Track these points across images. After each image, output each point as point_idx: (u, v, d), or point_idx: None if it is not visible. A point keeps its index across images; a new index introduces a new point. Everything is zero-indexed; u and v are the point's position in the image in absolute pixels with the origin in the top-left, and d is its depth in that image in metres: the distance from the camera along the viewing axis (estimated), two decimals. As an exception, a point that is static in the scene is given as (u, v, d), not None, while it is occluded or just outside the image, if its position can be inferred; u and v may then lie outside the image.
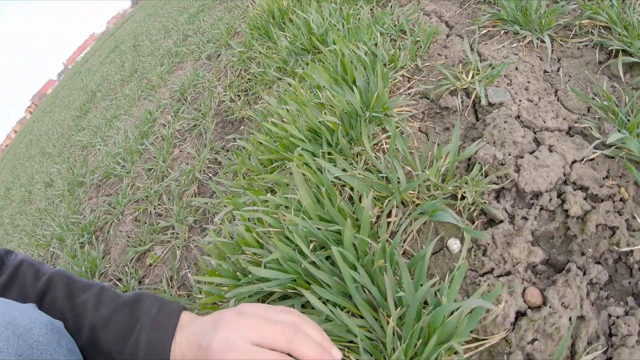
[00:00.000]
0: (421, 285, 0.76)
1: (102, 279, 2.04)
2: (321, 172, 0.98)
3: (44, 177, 5.06)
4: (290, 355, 0.65)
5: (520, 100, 1.22)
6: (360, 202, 0.87)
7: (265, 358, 0.63)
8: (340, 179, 0.99)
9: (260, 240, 0.93)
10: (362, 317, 0.83)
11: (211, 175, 1.72)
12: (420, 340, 0.71)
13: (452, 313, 0.75)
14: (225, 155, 1.70)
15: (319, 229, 0.86)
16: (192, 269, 1.45)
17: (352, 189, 1.06)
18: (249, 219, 1.00)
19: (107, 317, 0.76)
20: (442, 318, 0.70)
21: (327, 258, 0.88)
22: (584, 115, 1.17)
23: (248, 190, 1.12)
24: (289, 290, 0.88)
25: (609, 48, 1.28)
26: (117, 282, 1.89)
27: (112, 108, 4.65)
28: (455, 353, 0.76)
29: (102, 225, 2.42)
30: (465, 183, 0.97)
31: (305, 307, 0.91)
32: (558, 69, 1.33)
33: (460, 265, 0.79)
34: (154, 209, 1.95)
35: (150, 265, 1.82)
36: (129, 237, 2.05)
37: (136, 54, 6.66)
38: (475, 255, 0.91)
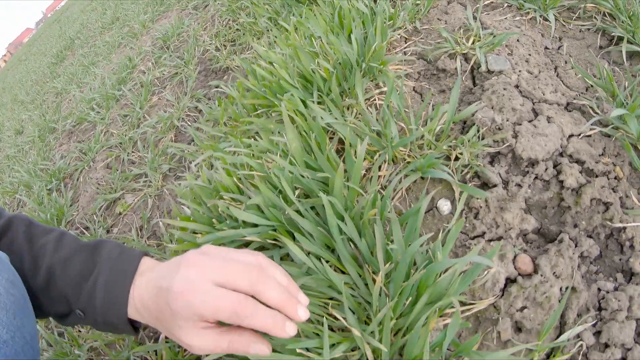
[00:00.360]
0: (412, 241, 0.71)
1: (68, 227, 1.94)
2: (312, 119, 0.90)
3: (14, 125, 4.82)
4: (255, 298, 0.59)
5: (520, 71, 1.17)
6: (351, 151, 0.80)
7: (228, 298, 0.57)
8: (330, 127, 0.92)
9: (241, 186, 0.86)
10: (344, 273, 0.77)
11: (190, 123, 1.62)
12: (410, 299, 0.65)
13: (440, 275, 0.70)
14: (207, 104, 1.61)
15: (305, 177, 0.79)
16: (164, 218, 1.37)
17: (341, 141, 0.99)
18: (230, 163, 0.92)
19: (66, 258, 0.70)
20: (435, 276, 0.65)
21: (312, 208, 0.81)
22: (582, 93, 1.13)
23: (230, 135, 1.04)
24: (268, 241, 0.82)
25: (612, 34, 1.26)
26: (84, 231, 1.80)
27: (91, 55, 4.43)
28: (441, 316, 0.71)
29: (71, 172, 2.30)
30: (462, 143, 0.91)
31: (284, 259, 0.84)
32: (559, 48, 1.29)
33: (455, 222, 0.73)
34: (128, 156, 1.84)
35: (120, 214, 1.73)
36: (99, 184, 1.94)
37: (119, 1, 6.36)
38: (466, 218, 0.86)
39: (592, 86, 1.15)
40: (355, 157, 0.80)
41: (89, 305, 0.66)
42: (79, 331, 1.31)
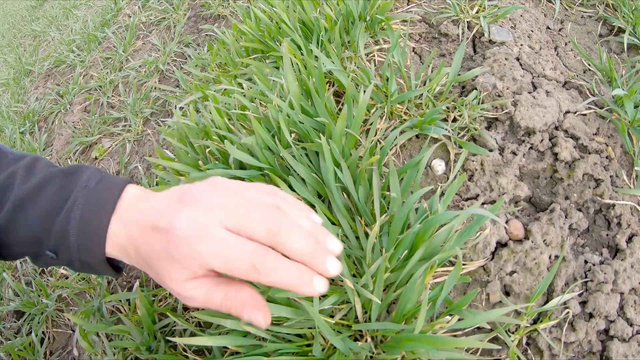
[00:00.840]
0: (409, 194, 0.67)
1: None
2: (312, 64, 0.84)
3: (-13, 69, 4.57)
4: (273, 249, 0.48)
5: (521, 45, 1.13)
6: (350, 100, 0.75)
7: (245, 250, 0.46)
8: (328, 76, 0.86)
9: (232, 127, 0.80)
10: (334, 224, 0.73)
11: (177, 68, 1.53)
12: (405, 252, 0.62)
13: (436, 230, 0.67)
14: (196, 50, 1.52)
15: (302, 122, 0.75)
16: (143, 163, 1.30)
17: (337, 93, 0.94)
18: (222, 102, 0.86)
19: (36, 187, 0.54)
20: (432, 230, 0.61)
21: (306, 155, 0.76)
22: (579, 75, 1.11)
23: (222, 77, 0.98)
24: (257, 185, 0.77)
25: (612, 24, 1.26)
26: (56, 174, 1.71)
27: (73, -2, 4.20)
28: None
29: (47, 115, 2.17)
30: (462, 104, 0.87)
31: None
32: (560, 30, 1.27)
33: (456, 177, 0.70)
34: (107, 99, 1.75)
35: (96, 158, 1.64)
36: (75, 128, 1.84)
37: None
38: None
39: (590, 70, 1.13)
40: (356, 105, 0.75)
41: (62, 244, 0.52)
42: (48, 279, 1.24)
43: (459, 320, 0.65)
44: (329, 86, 0.91)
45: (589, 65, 1.15)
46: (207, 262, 0.46)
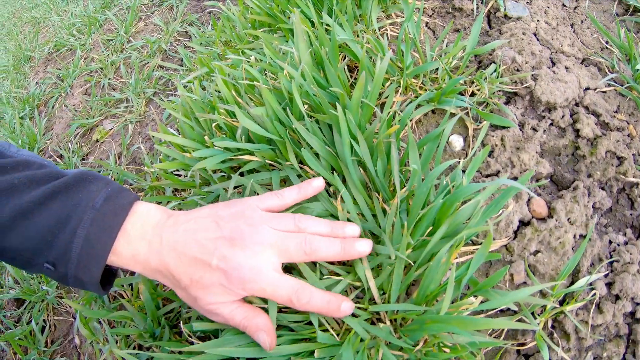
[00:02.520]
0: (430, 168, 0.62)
1: (41, 155, 1.78)
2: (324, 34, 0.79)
3: (-14, 58, 4.48)
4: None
5: (538, 20, 1.08)
6: (366, 68, 0.70)
7: (287, 286, 0.57)
8: (344, 46, 0.81)
9: (240, 101, 0.75)
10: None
11: (180, 47, 1.47)
12: (428, 229, 0.57)
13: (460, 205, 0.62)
14: (200, 28, 1.46)
15: (314, 95, 0.69)
16: (146, 144, 1.25)
17: (349, 68, 0.89)
18: (228, 74, 0.81)
19: (38, 201, 0.53)
20: (456, 205, 0.56)
21: (319, 129, 0.71)
22: (597, 52, 1.06)
23: (229, 51, 0.92)
24: (268, 161, 0.72)
25: (628, 4, 1.20)
26: (58, 159, 1.65)
27: (73, -16, 4.11)
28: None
29: (47, 100, 2.11)
30: (482, 77, 0.82)
31: (286, 182, 0.75)
32: (575, 7, 1.21)
33: (475, 152, 0.65)
34: (109, 81, 1.69)
35: (97, 141, 1.58)
36: (76, 111, 1.78)
37: None
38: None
39: (607, 47, 1.08)
40: (372, 75, 0.70)
41: (62, 260, 0.53)
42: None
43: (484, 301, 0.60)
44: (341, 59, 0.86)
45: (607, 42, 1.09)
46: (256, 294, 0.57)
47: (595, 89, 0.94)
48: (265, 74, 0.80)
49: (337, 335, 0.58)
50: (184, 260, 0.56)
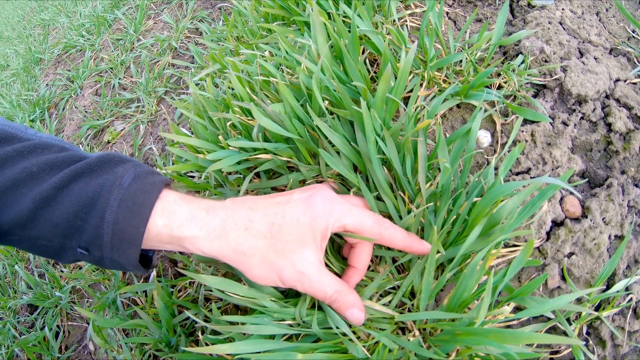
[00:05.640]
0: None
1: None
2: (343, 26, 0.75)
3: (-1, 60, 4.49)
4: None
5: (563, 9, 1.03)
6: (388, 62, 0.66)
7: (369, 214, 0.57)
8: (364, 38, 0.77)
9: (255, 98, 0.71)
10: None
11: (191, 44, 1.44)
12: (462, 228, 0.53)
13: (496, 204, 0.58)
14: (211, 24, 1.43)
15: (335, 90, 0.65)
16: (158, 144, 1.22)
17: (369, 63, 0.85)
18: (242, 70, 0.78)
19: (60, 185, 0.48)
20: (491, 205, 0.52)
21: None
22: (625, 42, 1.01)
23: (242, 46, 0.89)
24: (285, 159, 0.68)
25: None
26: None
27: (82, -15, 4.10)
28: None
29: (57, 101, 2.09)
30: (510, 69, 0.78)
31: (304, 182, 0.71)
32: (599, -3, 1.17)
33: (505, 147, 0.61)
34: (119, 80, 1.66)
35: (108, 142, 1.56)
36: (86, 112, 1.76)
37: None
38: (509, 151, 0.74)
39: (634, 37, 1.03)
40: (396, 69, 0.66)
41: (95, 244, 0.48)
42: (62, 271, 1.17)
43: (519, 309, 0.56)
44: (360, 52, 0.82)
45: (633, 31, 1.05)
46: (342, 219, 0.54)
47: (625, 80, 0.89)
48: (281, 69, 0.77)
49: (364, 346, 0.55)
50: (253, 234, 0.53)
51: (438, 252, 0.54)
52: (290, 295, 0.60)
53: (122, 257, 0.49)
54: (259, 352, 0.50)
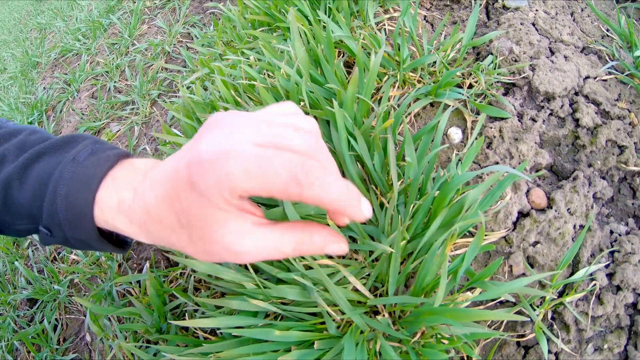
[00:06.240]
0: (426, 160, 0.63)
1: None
2: (321, 32, 0.80)
3: (-5, 65, 4.54)
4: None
5: (536, 10, 1.08)
6: (361, 64, 0.71)
7: (283, 158, 0.35)
8: (341, 42, 0.82)
9: (239, 100, 0.76)
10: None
11: (183, 49, 1.49)
12: (426, 219, 0.58)
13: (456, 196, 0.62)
14: (202, 29, 1.48)
15: (311, 92, 0.70)
16: (152, 144, 1.27)
17: (346, 64, 0.90)
18: (228, 75, 0.82)
19: (23, 165, 0.48)
20: (450, 195, 0.57)
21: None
22: (597, 40, 1.05)
23: (229, 51, 0.94)
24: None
25: None
26: (66, 162, 1.67)
27: (78, -11, 4.15)
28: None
29: (54, 104, 2.14)
30: (478, 69, 0.82)
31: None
32: (574, -5, 1.21)
33: (473, 142, 0.65)
34: (115, 84, 1.71)
35: (104, 143, 1.61)
36: (83, 114, 1.81)
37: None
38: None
39: (608, 35, 1.08)
40: (367, 72, 0.71)
41: (52, 222, 0.47)
42: (60, 266, 1.22)
43: (481, 292, 0.61)
44: (339, 57, 0.87)
45: (607, 30, 1.09)
46: (239, 184, 0.35)
47: (595, 78, 0.94)
48: (264, 73, 0.81)
49: (338, 327, 0.59)
50: (161, 190, 0.42)
51: (403, 239, 0.59)
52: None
53: (81, 233, 0.46)
54: (241, 328, 0.54)
